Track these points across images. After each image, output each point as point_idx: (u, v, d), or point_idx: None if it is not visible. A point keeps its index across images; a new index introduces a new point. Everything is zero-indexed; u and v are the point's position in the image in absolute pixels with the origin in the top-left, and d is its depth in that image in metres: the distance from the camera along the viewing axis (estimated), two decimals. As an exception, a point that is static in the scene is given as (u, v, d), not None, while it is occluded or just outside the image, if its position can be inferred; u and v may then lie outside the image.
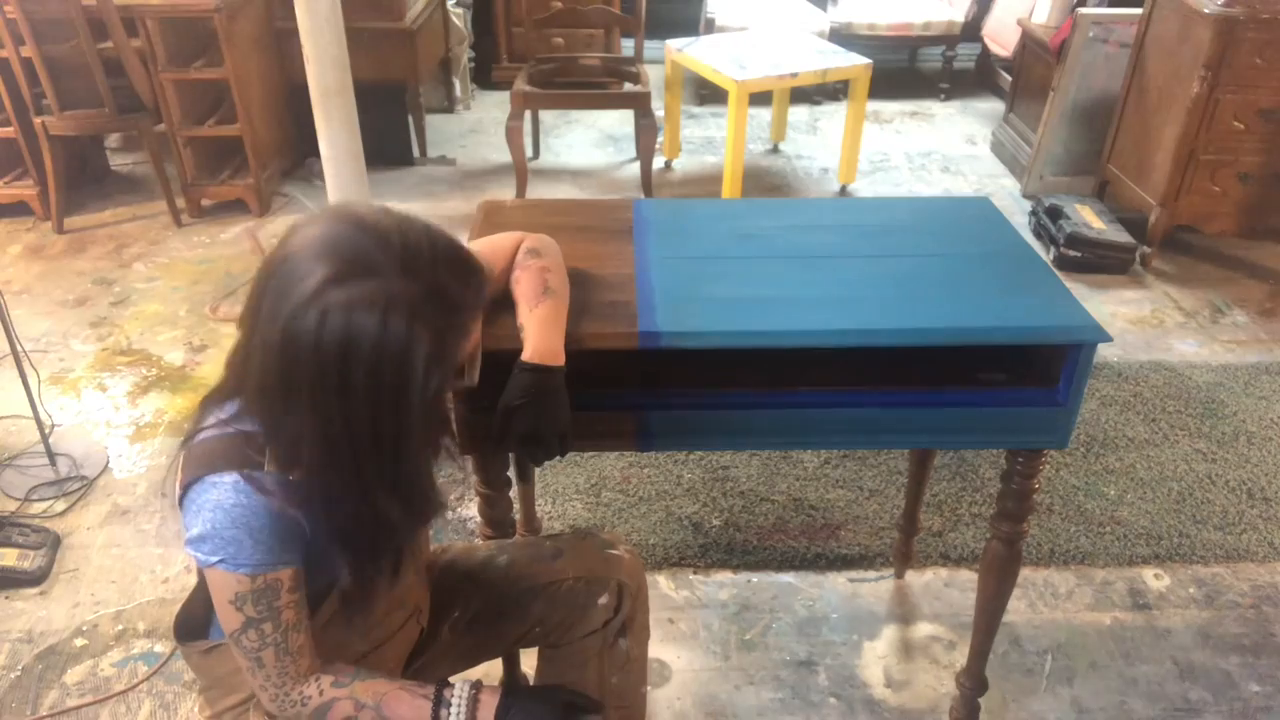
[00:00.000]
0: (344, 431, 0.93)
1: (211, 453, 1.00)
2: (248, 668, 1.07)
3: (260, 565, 1.00)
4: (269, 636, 1.04)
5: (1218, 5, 3.10)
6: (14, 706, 1.85)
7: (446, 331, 0.95)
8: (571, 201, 2.05)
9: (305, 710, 1.09)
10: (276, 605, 1.02)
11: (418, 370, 0.92)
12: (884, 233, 1.58)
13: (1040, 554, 2.23)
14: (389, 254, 0.92)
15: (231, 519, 0.98)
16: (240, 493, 0.97)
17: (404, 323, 0.90)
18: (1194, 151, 3.29)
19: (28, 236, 3.64)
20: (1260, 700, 1.91)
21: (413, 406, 0.93)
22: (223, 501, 0.97)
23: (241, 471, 0.98)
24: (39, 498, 2.36)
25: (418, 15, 4.07)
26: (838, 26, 4.83)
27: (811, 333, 1.31)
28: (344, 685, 1.10)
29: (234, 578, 1.00)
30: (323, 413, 0.92)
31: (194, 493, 0.99)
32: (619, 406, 1.38)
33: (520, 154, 3.83)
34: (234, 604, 1.02)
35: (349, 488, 0.97)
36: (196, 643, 1.20)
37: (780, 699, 1.90)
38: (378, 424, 0.93)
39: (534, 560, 1.39)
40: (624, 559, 1.39)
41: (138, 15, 3.37)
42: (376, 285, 0.90)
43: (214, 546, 0.98)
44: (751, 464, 2.49)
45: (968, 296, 1.39)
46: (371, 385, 0.91)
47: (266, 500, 0.98)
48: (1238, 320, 3.21)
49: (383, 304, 0.89)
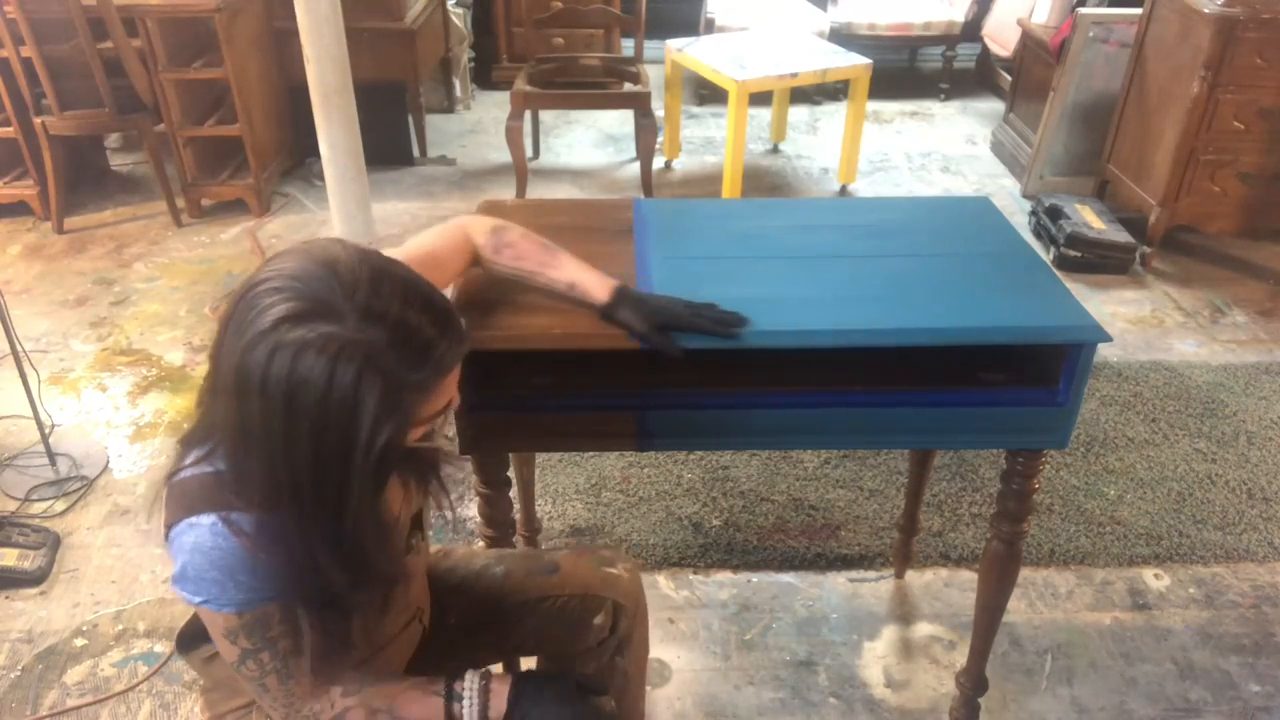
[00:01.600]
0: (288, 479, 0.89)
1: (190, 494, 0.97)
2: (254, 691, 1.07)
3: (245, 604, 0.98)
4: (268, 665, 1.03)
5: (1218, 5, 3.10)
6: (14, 706, 1.85)
7: (404, 387, 0.90)
8: (571, 201, 2.06)
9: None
10: (270, 636, 1.01)
11: (364, 423, 0.87)
12: (884, 233, 1.58)
13: (1040, 554, 2.23)
14: (354, 299, 0.88)
15: (210, 561, 0.95)
16: (217, 535, 0.95)
17: (353, 372, 0.86)
18: (1194, 151, 3.29)
19: (28, 236, 3.64)
20: (1260, 700, 1.91)
21: (355, 461, 0.88)
22: (201, 544, 0.95)
23: (219, 513, 0.95)
24: (39, 498, 2.36)
25: (418, 15, 4.07)
26: (838, 26, 4.83)
27: (812, 333, 1.31)
28: (354, 694, 1.09)
29: (221, 616, 0.99)
30: (269, 456, 0.89)
31: (175, 534, 0.98)
32: (619, 406, 1.38)
33: (520, 154, 3.83)
34: (227, 638, 1.01)
35: (293, 539, 0.93)
36: (198, 650, 1.19)
37: (780, 699, 1.90)
38: (320, 475, 0.89)
39: (530, 573, 1.38)
40: (621, 578, 1.38)
41: (138, 15, 3.37)
42: (331, 330, 0.86)
43: (196, 587, 0.97)
44: (751, 464, 2.49)
45: (968, 296, 1.39)
46: (315, 433, 0.87)
47: (247, 549, 0.95)
48: (1238, 320, 3.21)
49: (334, 350, 0.86)
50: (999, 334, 1.32)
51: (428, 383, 0.93)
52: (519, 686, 1.11)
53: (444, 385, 0.96)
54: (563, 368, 1.40)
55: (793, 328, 1.31)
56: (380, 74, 3.98)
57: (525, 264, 1.30)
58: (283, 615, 1.00)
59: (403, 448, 0.94)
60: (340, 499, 0.91)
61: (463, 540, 2.23)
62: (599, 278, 1.29)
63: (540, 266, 1.30)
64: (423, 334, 0.92)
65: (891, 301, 1.37)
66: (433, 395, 0.95)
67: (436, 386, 0.95)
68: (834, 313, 1.34)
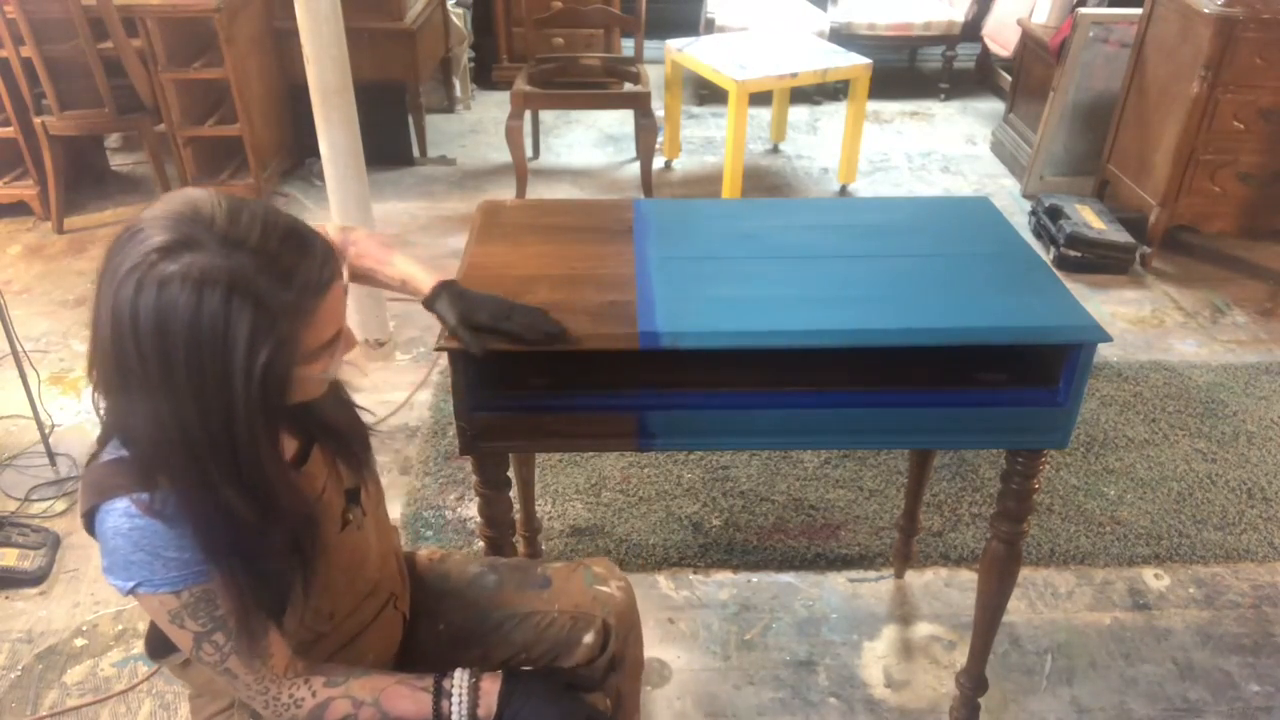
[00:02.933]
0: (173, 419, 0.89)
1: (100, 481, 0.97)
2: (225, 682, 1.05)
3: (178, 580, 0.97)
4: (225, 646, 1.01)
5: (1218, 5, 3.10)
6: (14, 706, 1.85)
7: (277, 311, 0.90)
8: (571, 202, 2.06)
9: (301, 713, 1.07)
10: (217, 615, 0.99)
11: (238, 348, 0.88)
12: (884, 233, 1.58)
13: (1040, 554, 2.23)
14: (213, 229, 0.89)
15: (132, 543, 0.95)
16: (131, 516, 0.95)
17: (219, 296, 0.86)
18: (1194, 151, 3.29)
19: (28, 236, 3.64)
20: (1260, 700, 1.91)
21: (235, 389, 0.89)
22: (119, 527, 0.95)
23: (129, 495, 0.95)
24: (39, 498, 2.36)
25: (418, 15, 4.07)
26: (838, 26, 4.83)
27: (812, 333, 1.31)
28: (338, 684, 1.08)
29: (158, 599, 0.98)
30: (150, 397, 0.89)
31: (95, 524, 0.97)
32: (619, 407, 1.38)
33: (520, 154, 3.83)
34: (174, 623, 0.99)
35: (194, 493, 0.93)
36: (171, 657, 1.18)
37: (780, 699, 1.90)
38: (204, 407, 0.89)
39: (522, 586, 1.36)
40: (613, 596, 1.36)
41: (138, 15, 3.37)
42: (193, 258, 0.87)
43: (126, 573, 0.96)
44: (751, 464, 2.49)
45: (968, 297, 1.39)
46: (191, 363, 0.87)
47: (165, 523, 0.95)
48: (1238, 320, 3.21)
49: (197, 275, 0.86)
50: (999, 334, 1.32)
51: (302, 305, 0.93)
52: (509, 685, 1.11)
53: (323, 311, 0.95)
54: (563, 368, 1.40)
55: (793, 328, 1.31)
56: (380, 74, 3.97)
57: (365, 261, 1.33)
58: (224, 590, 0.98)
59: (288, 378, 0.94)
60: (230, 431, 0.91)
61: (463, 540, 2.24)
62: (429, 273, 1.31)
63: (377, 264, 1.33)
64: (286, 257, 0.92)
65: (891, 301, 1.37)
66: (313, 322, 0.94)
67: (314, 311, 0.94)
68: (834, 313, 1.34)
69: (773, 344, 1.31)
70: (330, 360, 1.00)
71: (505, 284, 1.40)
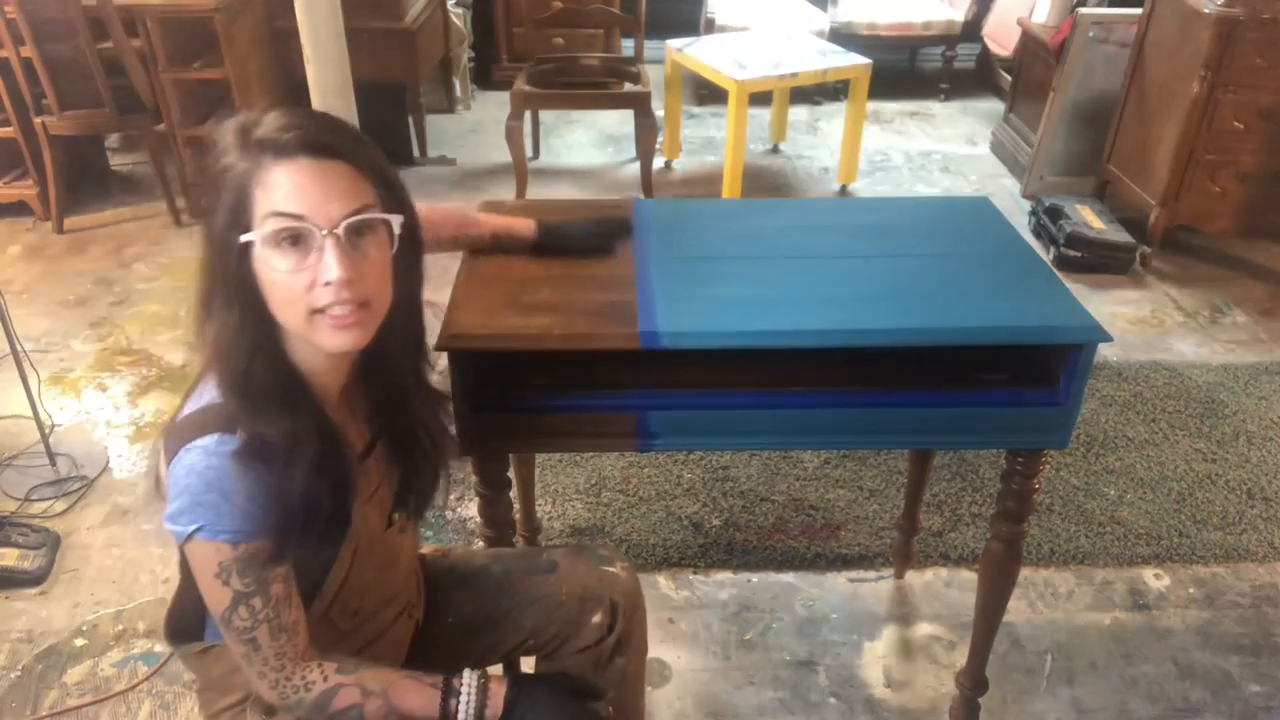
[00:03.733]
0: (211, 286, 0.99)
1: (187, 426, 0.99)
2: (243, 655, 1.05)
3: (239, 532, 0.97)
4: (260, 612, 1.01)
5: (1218, 5, 3.10)
6: (14, 706, 1.85)
7: (243, 168, 0.95)
8: (571, 202, 2.06)
9: (309, 696, 1.06)
10: (265, 577, 1.00)
11: (219, 210, 0.96)
12: (884, 233, 1.58)
13: (1040, 554, 2.23)
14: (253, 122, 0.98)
15: (206, 482, 0.96)
16: (210, 454, 0.96)
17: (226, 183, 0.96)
18: (1194, 151, 3.29)
19: (28, 236, 3.64)
20: (1260, 700, 1.91)
21: (218, 250, 0.97)
22: (196, 465, 0.96)
23: (217, 433, 0.97)
24: (39, 498, 2.36)
25: (418, 15, 4.07)
26: (838, 26, 4.83)
27: (812, 333, 1.31)
28: (350, 673, 1.07)
29: (214, 546, 0.98)
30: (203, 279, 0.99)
31: (173, 466, 0.99)
32: (619, 407, 1.38)
33: (520, 154, 3.83)
34: (219, 577, 0.99)
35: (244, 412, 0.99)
36: (189, 645, 1.19)
37: (780, 699, 1.90)
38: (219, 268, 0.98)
39: (529, 572, 1.38)
40: (619, 576, 1.38)
41: (138, 15, 3.37)
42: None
43: (191, 515, 0.97)
44: (751, 464, 2.49)
45: (968, 297, 1.39)
46: (210, 242, 0.98)
47: (240, 465, 0.96)
48: (1238, 320, 3.21)
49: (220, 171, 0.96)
50: (999, 334, 1.32)
51: (258, 160, 0.95)
52: (516, 688, 1.11)
53: (279, 173, 0.94)
54: (563, 368, 1.40)
55: (793, 328, 1.31)
56: (380, 74, 3.97)
57: (445, 230, 1.36)
58: (276, 552, 1.00)
59: (248, 251, 0.96)
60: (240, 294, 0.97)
61: (463, 540, 2.24)
62: (517, 221, 1.37)
63: (459, 228, 1.37)
64: (266, 123, 0.97)
65: (891, 301, 1.37)
66: (265, 181, 0.94)
67: (266, 168, 0.95)
68: (834, 313, 1.34)
69: (773, 344, 1.31)
70: (296, 261, 0.95)
71: (505, 284, 1.40)
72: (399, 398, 1.15)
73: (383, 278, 1.01)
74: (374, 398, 1.14)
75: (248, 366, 0.98)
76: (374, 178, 0.99)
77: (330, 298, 0.95)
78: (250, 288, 0.97)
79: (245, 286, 0.97)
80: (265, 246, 0.95)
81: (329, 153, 0.95)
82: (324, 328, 0.97)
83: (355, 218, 0.96)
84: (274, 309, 0.98)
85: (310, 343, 1.00)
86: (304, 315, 0.97)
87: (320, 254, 0.95)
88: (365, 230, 0.97)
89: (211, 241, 0.97)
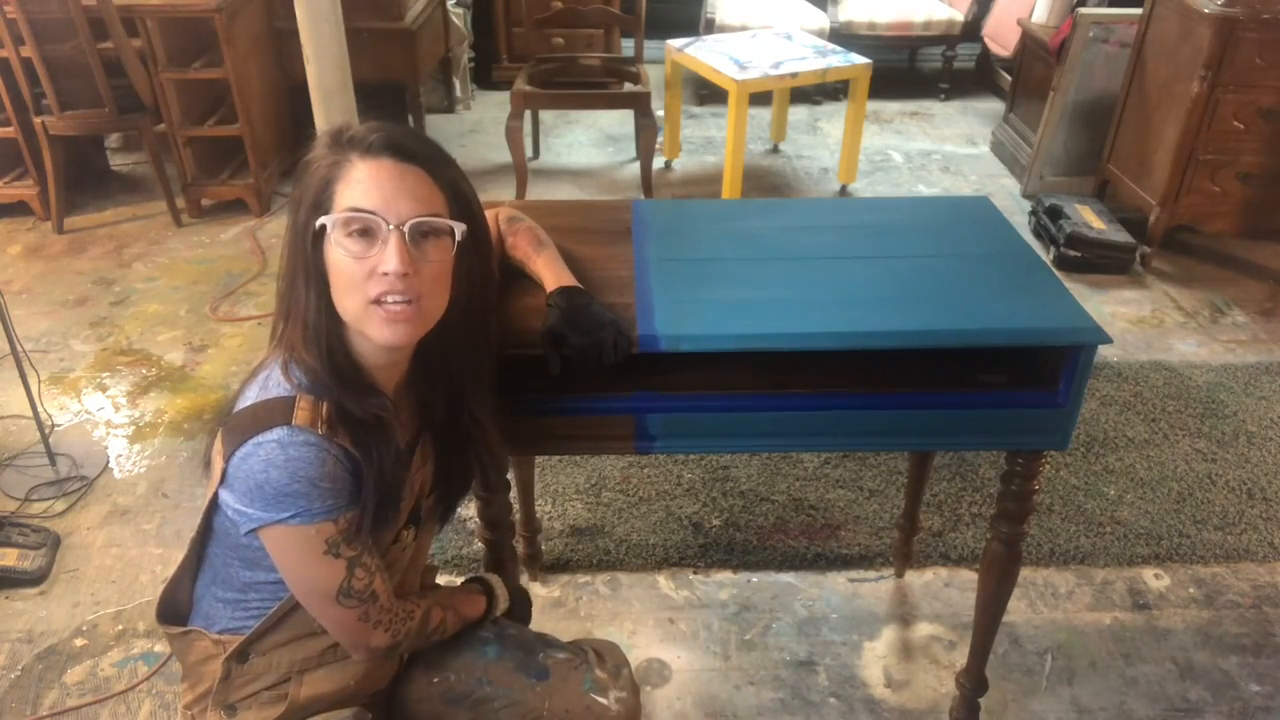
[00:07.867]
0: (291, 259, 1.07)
1: (249, 420, 1.02)
2: (359, 615, 1.11)
3: (334, 508, 1.03)
4: (373, 565, 1.09)
5: (1218, 5, 3.10)
6: (14, 706, 1.85)
7: (330, 163, 1.04)
8: (571, 202, 2.06)
9: (413, 624, 1.19)
10: (364, 539, 1.07)
11: (304, 199, 1.04)
12: (884, 233, 1.58)
13: (1040, 554, 2.23)
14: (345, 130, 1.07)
15: (289, 473, 1.00)
16: (289, 446, 1.00)
17: (310, 174, 1.05)
18: (1194, 151, 3.29)
19: (28, 236, 3.64)
20: (1260, 700, 1.91)
21: (298, 234, 1.05)
22: (273, 459, 1.00)
23: (286, 424, 1.01)
24: (39, 498, 2.36)
25: (418, 15, 4.07)
26: (838, 26, 4.83)
27: (811, 335, 1.31)
28: (426, 598, 1.25)
29: (314, 529, 1.02)
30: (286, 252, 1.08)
31: (239, 459, 1.01)
32: (618, 409, 1.38)
33: (520, 154, 3.83)
34: (329, 553, 1.04)
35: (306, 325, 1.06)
36: (172, 626, 1.21)
37: (780, 699, 1.90)
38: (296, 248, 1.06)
39: (520, 669, 1.30)
40: (608, 711, 1.27)
41: (138, 15, 3.37)
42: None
43: (281, 506, 1.01)
44: (751, 464, 2.49)
45: (968, 297, 1.39)
46: (293, 224, 1.06)
47: (315, 450, 1.01)
48: (1238, 320, 3.21)
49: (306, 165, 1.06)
50: (999, 335, 1.32)
51: (345, 156, 1.03)
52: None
53: (361, 171, 1.02)
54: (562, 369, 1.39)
55: (792, 330, 1.31)
56: (380, 74, 3.97)
57: (517, 253, 1.40)
58: (364, 521, 1.07)
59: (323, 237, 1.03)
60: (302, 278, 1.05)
61: (463, 541, 2.24)
62: (555, 277, 1.34)
63: (525, 258, 1.39)
64: (355, 128, 1.06)
65: (891, 303, 1.37)
66: (348, 176, 1.02)
67: (352, 163, 1.03)
68: (833, 314, 1.34)
69: (772, 346, 1.31)
70: (362, 249, 1.01)
71: (504, 286, 1.40)
72: (453, 402, 1.19)
73: (439, 280, 1.06)
74: (426, 400, 1.19)
75: (329, 344, 1.05)
76: (447, 190, 1.06)
77: (385, 287, 1.01)
78: (322, 274, 1.04)
79: (319, 272, 1.04)
80: (337, 232, 1.01)
81: (410, 157, 1.03)
82: (376, 319, 1.03)
83: (421, 218, 1.02)
84: (336, 298, 1.04)
85: (364, 335, 1.05)
86: (362, 305, 1.02)
87: (384, 246, 1.01)
88: (430, 234, 1.04)
89: (294, 227, 1.05)
